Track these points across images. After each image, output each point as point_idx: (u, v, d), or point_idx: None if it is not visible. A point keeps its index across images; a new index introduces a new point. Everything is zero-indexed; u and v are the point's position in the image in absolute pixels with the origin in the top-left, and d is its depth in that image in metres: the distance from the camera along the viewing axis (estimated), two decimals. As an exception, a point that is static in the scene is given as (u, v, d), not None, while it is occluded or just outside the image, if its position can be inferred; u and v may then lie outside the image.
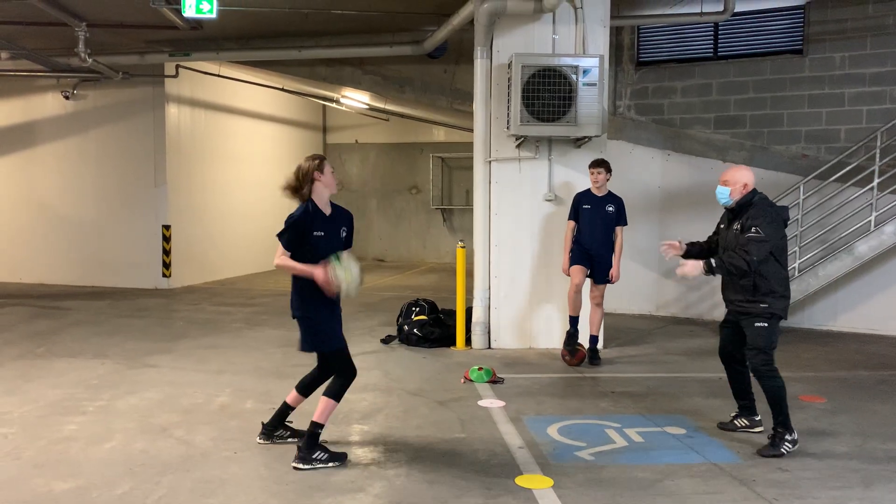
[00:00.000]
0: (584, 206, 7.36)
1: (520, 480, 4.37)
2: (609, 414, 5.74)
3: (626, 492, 4.22)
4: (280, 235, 4.56)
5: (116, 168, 12.97)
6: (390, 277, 14.91)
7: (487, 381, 6.58)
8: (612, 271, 7.34)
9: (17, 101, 13.44)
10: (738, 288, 4.98)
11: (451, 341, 8.15)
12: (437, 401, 6.04)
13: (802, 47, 9.74)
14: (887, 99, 9.27)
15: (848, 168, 8.79)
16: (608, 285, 7.49)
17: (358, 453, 4.82)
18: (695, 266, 4.89)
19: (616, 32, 10.47)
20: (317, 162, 4.66)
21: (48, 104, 13.26)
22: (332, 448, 4.74)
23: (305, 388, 4.91)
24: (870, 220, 8.61)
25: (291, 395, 4.93)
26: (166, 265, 12.76)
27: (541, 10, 7.73)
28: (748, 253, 4.74)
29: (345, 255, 4.53)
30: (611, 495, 4.17)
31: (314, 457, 4.54)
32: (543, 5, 7.62)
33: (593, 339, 7.55)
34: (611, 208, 7.31)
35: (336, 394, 4.59)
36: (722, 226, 5.19)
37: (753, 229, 4.78)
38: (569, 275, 7.43)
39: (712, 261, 4.87)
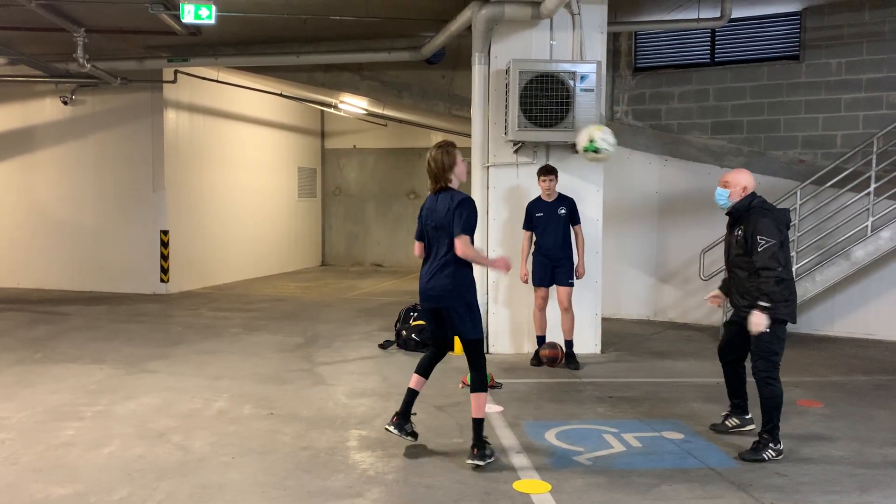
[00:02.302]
0: (537, 214, 7.43)
1: (518, 485, 4.37)
2: (607, 419, 5.75)
3: (623, 496, 4.23)
4: (468, 223, 4.62)
5: (115, 173, 12.97)
6: (388, 282, 14.92)
7: (485, 386, 6.58)
8: (578, 268, 7.40)
9: (16, 106, 13.44)
10: (743, 294, 4.99)
11: (449, 346, 8.14)
12: (435, 406, 6.05)
13: (799, 53, 9.77)
14: (883, 104, 9.31)
15: (844, 173, 8.82)
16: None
17: (356, 458, 4.82)
18: (760, 319, 4.74)
19: (613, 38, 10.50)
20: (452, 155, 4.83)
21: (46, 109, 13.27)
22: (327, 455, 4.75)
23: (426, 370, 5.02)
24: (866, 226, 8.63)
25: (414, 380, 4.99)
26: (164, 270, 12.76)
27: (538, 16, 7.76)
28: (772, 267, 4.73)
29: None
30: (609, 500, 4.18)
31: (486, 454, 4.70)
32: (541, 11, 7.65)
33: (568, 344, 7.57)
34: (562, 210, 7.38)
35: (482, 385, 4.80)
36: (726, 232, 5.21)
37: (760, 240, 4.78)
38: (526, 282, 7.53)
39: (764, 305, 4.73)
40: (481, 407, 4.76)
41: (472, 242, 4.71)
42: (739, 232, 4.95)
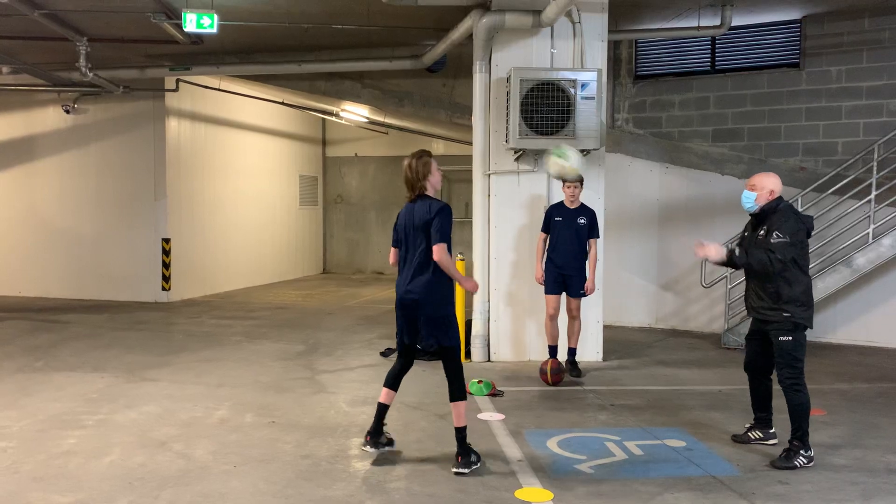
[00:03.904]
0: (556, 219, 7.37)
1: (520, 494, 4.36)
2: (609, 427, 5.74)
3: (625, 505, 4.22)
4: (445, 232, 4.70)
5: (116, 182, 13.00)
6: (390, 290, 14.90)
7: (487, 394, 6.58)
8: (588, 283, 7.34)
9: (18, 115, 13.49)
10: (761, 295, 4.97)
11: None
12: (436, 414, 6.04)
13: (799, 61, 9.80)
14: (884, 112, 9.32)
15: (845, 181, 8.83)
16: (593, 296, 7.51)
17: (357, 467, 4.81)
18: (718, 250, 4.85)
19: (614, 46, 10.53)
20: (427, 165, 4.84)
21: (49, 118, 13.31)
22: (329, 463, 4.74)
23: (394, 382, 5.04)
24: (868, 233, 8.64)
25: (383, 394, 5.01)
26: (166, 278, 12.77)
27: (539, 24, 7.79)
28: (775, 251, 4.76)
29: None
30: (610, 509, 4.17)
31: (471, 461, 4.75)
32: (542, 20, 7.67)
33: (571, 352, 7.52)
34: (582, 220, 7.31)
35: (462, 393, 4.84)
36: (746, 233, 5.21)
37: (776, 233, 4.81)
38: (541, 283, 7.47)
39: (736, 250, 4.85)
40: (461, 415, 4.81)
41: (449, 251, 4.77)
42: (763, 231, 4.95)
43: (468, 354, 8.11)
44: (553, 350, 7.49)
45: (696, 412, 6.14)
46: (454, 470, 4.70)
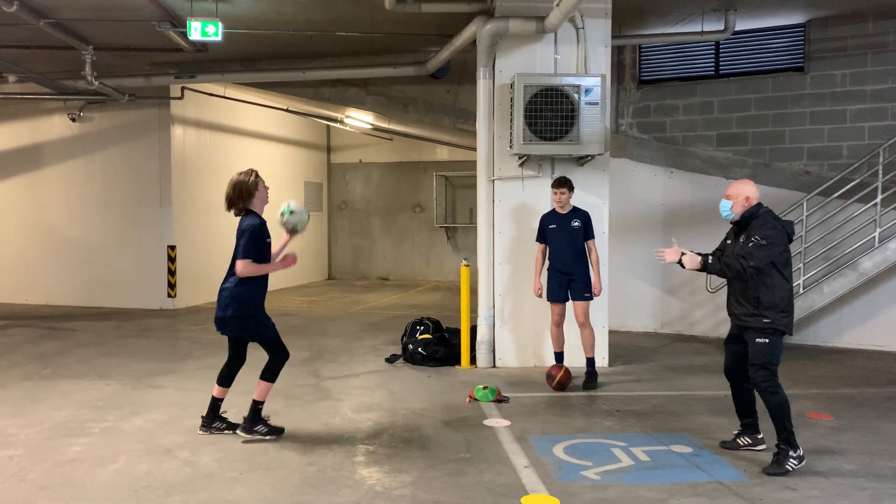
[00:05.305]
0: (550, 227, 7.33)
1: (526, 500, 4.36)
2: (614, 433, 5.72)
3: (632, 511, 4.21)
4: (247, 248, 5.30)
5: (122, 189, 13.05)
6: (394, 296, 14.92)
7: (492, 401, 6.57)
8: (594, 285, 7.27)
9: (24, 123, 13.56)
10: (741, 301, 4.98)
11: (455, 360, 8.15)
12: (442, 420, 6.03)
13: (803, 65, 9.79)
14: (889, 115, 9.30)
15: (851, 184, 8.81)
16: (598, 301, 7.46)
17: (363, 474, 4.81)
18: (692, 259, 4.98)
19: (618, 51, 10.55)
20: (252, 179, 5.42)
21: (55, 126, 13.38)
22: (334, 470, 4.75)
23: (227, 381, 5.66)
24: (874, 237, 8.61)
25: (216, 390, 5.64)
26: (171, 285, 12.80)
27: (542, 30, 7.80)
28: (748, 257, 4.78)
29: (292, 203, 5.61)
30: (617, 515, 4.15)
31: (255, 429, 5.47)
32: (545, 26, 7.69)
33: (589, 362, 7.31)
34: (576, 223, 7.25)
35: (274, 375, 5.53)
36: (728, 241, 5.21)
37: (753, 238, 4.83)
38: (540, 296, 7.44)
39: (709, 258, 4.95)
40: (265, 392, 5.51)
41: (264, 258, 5.41)
42: (743, 239, 4.96)
43: (473, 360, 8.12)
44: (559, 356, 7.45)
45: (703, 418, 6.13)
46: (238, 431, 5.46)
